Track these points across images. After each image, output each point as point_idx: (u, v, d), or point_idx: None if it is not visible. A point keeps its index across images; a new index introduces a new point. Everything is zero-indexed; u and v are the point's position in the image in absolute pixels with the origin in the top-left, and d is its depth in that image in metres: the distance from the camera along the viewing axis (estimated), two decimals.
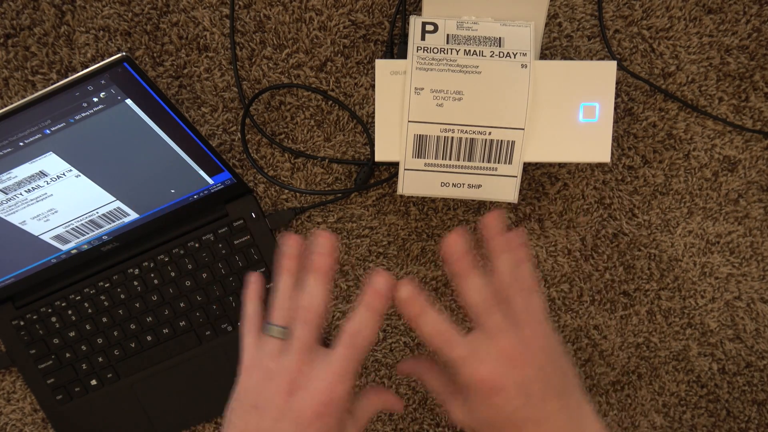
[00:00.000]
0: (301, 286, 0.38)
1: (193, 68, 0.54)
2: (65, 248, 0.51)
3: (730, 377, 0.56)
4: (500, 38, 0.47)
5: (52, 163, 0.43)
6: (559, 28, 0.53)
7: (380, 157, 0.48)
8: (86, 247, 0.52)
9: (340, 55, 0.54)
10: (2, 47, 0.53)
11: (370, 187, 0.54)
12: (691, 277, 0.55)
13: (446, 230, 0.55)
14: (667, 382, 0.56)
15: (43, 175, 0.44)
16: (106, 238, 0.52)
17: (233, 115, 0.54)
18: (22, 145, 0.41)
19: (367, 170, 0.54)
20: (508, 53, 0.46)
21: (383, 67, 0.47)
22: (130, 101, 0.41)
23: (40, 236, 0.49)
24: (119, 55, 0.38)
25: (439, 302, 0.55)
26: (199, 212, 0.53)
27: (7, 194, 0.44)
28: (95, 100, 0.40)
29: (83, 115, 0.41)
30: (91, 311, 0.54)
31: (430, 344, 0.37)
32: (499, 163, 0.47)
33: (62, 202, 0.47)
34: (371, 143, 0.54)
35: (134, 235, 0.53)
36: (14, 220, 0.47)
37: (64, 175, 0.44)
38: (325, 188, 0.55)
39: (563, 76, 0.47)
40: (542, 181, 0.55)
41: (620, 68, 0.53)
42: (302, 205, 0.55)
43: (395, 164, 0.54)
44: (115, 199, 0.48)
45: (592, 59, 0.54)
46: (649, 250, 0.55)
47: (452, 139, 0.47)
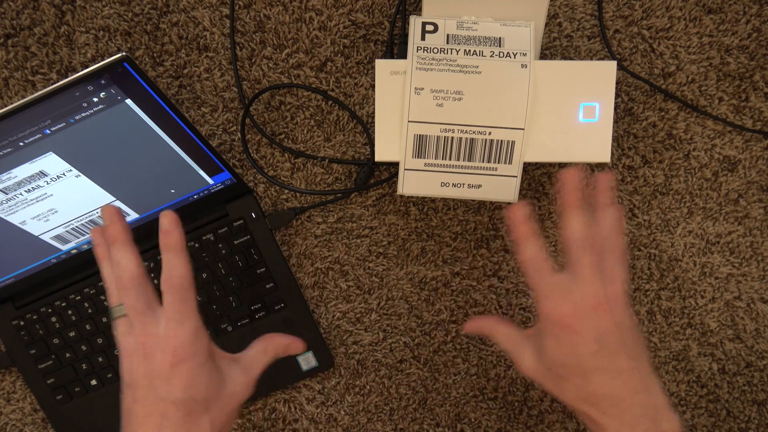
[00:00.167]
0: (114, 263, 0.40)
1: (193, 68, 0.54)
2: (65, 248, 0.51)
3: (730, 377, 0.56)
4: (500, 38, 0.47)
5: (52, 163, 0.43)
6: (559, 28, 0.53)
7: (380, 157, 0.48)
8: (86, 247, 0.52)
9: (340, 55, 0.54)
10: (2, 47, 0.53)
11: (370, 187, 0.54)
12: (691, 277, 0.55)
13: (446, 230, 0.55)
14: (667, 382, 0.56)
15: (43, 175, 0.44)
16: None
17: (233, 115, 0.54)
18: (22, 145, 0.41)
19: (367, 170, 0.54)
20: (508, 53, 0.46)
21: (383, 67, 0.47)
22: (130, 101, 0.41)
23: (40, 236, 0.49)
24: (119, 55, 0.38)
25: (438, 302, 0.55)
26: (199, 212, 0.53)
27: (7, 194, 0.44)
28: (95, 100, 0.40)
29: (83, 115, 0.41)
30: (91, 311, 0.54)
31: (525, 268, 0.38)
32: (499, 163, 0.48)
33: (62, 202, 0.47)
34: (371, 143, 0.54)
35: (134, 235, 0.52)
36: (14, 220, 0.47)
37: (64, 175, 0.44)
38: (325, 188, 0.55)
39: (563, 76, 0.47)
40: (542, 181, 0.55)
41: (620, 68, 0.53)
42: (302, 205, 0.55)
43: (395, 164, 0.54)
44: (115, 199, 0.48)
45: (592, 59, 0.54)
46: (649, 250, 0.55)
47: (452, 139, 0.47)
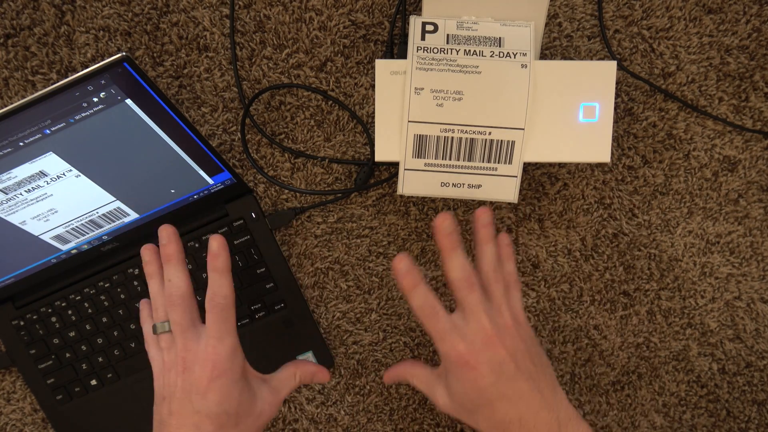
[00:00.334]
0: (165, 280, 0.42)
1: (193, 68, 0.54)
2: (65, 248, 0.51)
3: (730, 377, 0.56)
4: (500, 38, 0.47)
5: (52, 163, 0.43)
6: (559, 28, 0.53)
7: (380, 157, 0.48)
8: (86, 247, 0.52)
9: (340, 55, 0.54)
10: (2, 47, 0.53)
11: (370, 187, 0.54)
12: (691, 277, 0.55)
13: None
14: (667, 382, 0.56)
15: (43, 175, 0.44)
16: (106, 238, 0.52)
17: (233, 115, 0.54)
18: (22, 145, 0.41)
19: (367, 170, 0.54)
20: (508, 53, 0.46)
21: (383, 67, 0.47)
22: (130, 101, 0.41)
23: (40, 236, 0.49)
24: (119, 55, 0.38)
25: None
26: (199, 212, 0.53)
27: (7, 194, 0.44)
28: (95, 100, 0.40)
29: (83, 115, 0.41)
30: (91, 311, 0.54)
31: (418, 316, 0.40)
32: (499, 163, 0.48)
33: (62, 202, 0.47)
34: (371, 143, 0.54)
35: (134, 235, 0.53)
36: (14, 220, 0.47)
37: (64, 175, 0.44)
38: (325, 188, 0.55)
39: (563, 76, 0.47)
40: (542, 181, 0.55)
41: (620, 68, 0.53)
42: (302, 205, 0.55)
43: (395, 164, 0.54)
44: (115, 199, 0.48)
45: (592, 59, 0.54)
46: (649, 250, 0.55)
47: (452, 139, 0.47)
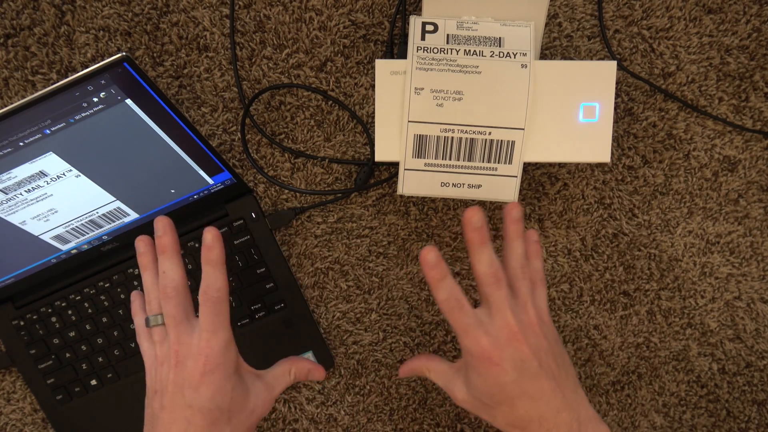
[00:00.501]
0: (159, 272, 0.41)
1: (193, 68, 0.54)
2: (65, 248, 0.51)
3: (730, 377, 0.56)
4: (500, 38, 0.47)
5: (52, 163, 0.43)
6: (559, 28, 0.53)
7: (380, 157, 0.48)
8: (86, 247, 0.52)
9: (340, 55, 0.54)
10: (2, 47, 0.53)
11: (370, 187, 0.54)
12: (691, 277, 0.55)
13: (446, 230, 0.55)
14: (667, 382, 0.56)
15: (43, 175, 0.44)
16: (106, 238, 0.52)
17: (233, 115, 0.54)
18: (22, 145, 0.41)
19: (367, 170, 0.54)
20: (508, 53, 0.46)
21: (383, 67, 0.47)
22: (130, 101, 0.41)
23: (40, 236, 0.49)
24: (119, 55, 0.38)
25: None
26: (199, 212, 0.53)
27: (7, 194, 0.44)
28: (95, 100, 0.40)
29: (83, 115, 0.41)
30: (91, 311, 0.54)
31: (443, 309, 0.39)
32: (499, 163, 0.48)
33: (62, 202, 0.47)
34: (371, 143, 0.54)
35: (134, 235, 0.52)
36: (14, 220, 0.47)
37: (64, 175, 0.44)
38: (325, 188, 0.55)
39: (563, 76, 0.47)
40: (542, 181, 0.55)
41: (620, 68, 0.53)
42: (302, 205, 0.55)
43: (395, 164, 0.54)
44: (115, 199, 0.48)
45: (592, 59, 0.54)
46: (649, 250, 0.55)
47: (452, 139, 0.47)
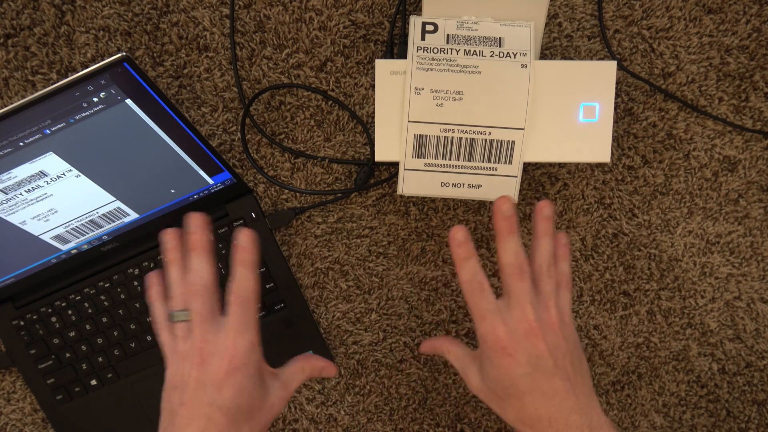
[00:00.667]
0: (187, 268, 0.40)
1: (193, 68, 0.54)
2: (65, 248, 0.51)
3: (730, 377, 0.56)
4: (500, 38, 0.47)
5: (52, 163, 0.43)
6: (559, 28, 0.53)
7: (380, 157, 0.48)
8: (86, 247, 0.52)
9: (340, 55, 0.54)
10: (2, 47, 0.53)
11: (370, 187, 0.54)
12: (691, 277, 0.55)
13: (446, 230, 0.55)
14: (667, 382, 0.56)
15: (43, 175, 0.44)
16: (106, 238, 0.52)
17: (233, 115, 0.54)
18: (22, 145, 0.41)
19: (367, 170, 0.54)
20: (508, 53, 0.46)
21: (383, 67, 0.47)
22: (130, 101, 0.41)
23: (40, 236, 0.49)
24: (119, 55, 0.38)
25: (438, 302, 0.55)
26: (199, 212, 0.53)
27: (7, 194, 0.44)
28: (95, 100, 0.40)
29: (83, 115, 0.41)
30: (91, 311, 0.54)
31: (464, 289, 0.39)
32: (499, 163, 0.48)
33: (62, 202, 0.47)
34: (371, 143, 0.54)
35: (134, 235, 0.53)
36: (14, 220, 0.47)
37: (64, 175, 0.44)
38: (325, 188, 0.55)
39: (563, 76, 0.47)
40: (542, 181, 0.55)
41: (620, 68, 0.53)
42: (302, 205, 0.55)
43: (395, 164, 0.54)
44: (115, 199, 0.48)
45: (592, 59, 0.54)
46: (649, 250, 0.55)
47: (452, 139, 0.47)
